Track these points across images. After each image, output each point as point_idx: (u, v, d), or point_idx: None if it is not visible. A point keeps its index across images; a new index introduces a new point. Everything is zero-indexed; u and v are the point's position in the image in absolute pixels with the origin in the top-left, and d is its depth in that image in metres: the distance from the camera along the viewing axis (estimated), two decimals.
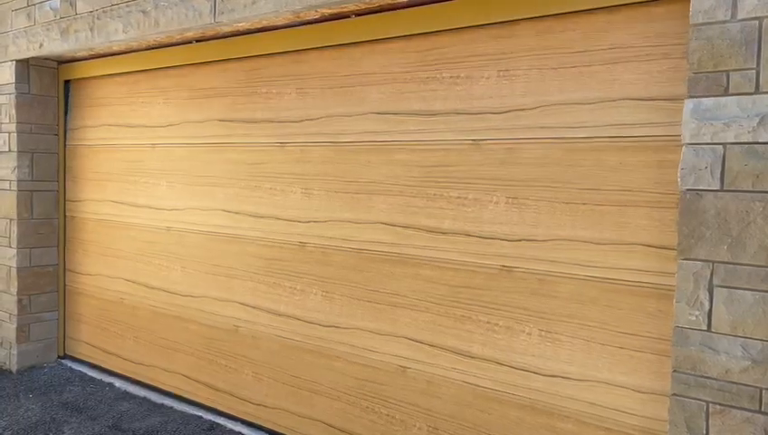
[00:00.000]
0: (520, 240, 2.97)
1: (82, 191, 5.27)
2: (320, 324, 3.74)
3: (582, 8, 2.74)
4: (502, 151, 3.02)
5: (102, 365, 5.13)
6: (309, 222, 3.76)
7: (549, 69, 2.88)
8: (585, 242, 2.79)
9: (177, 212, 4.52)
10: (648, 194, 2.63)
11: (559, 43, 2.85)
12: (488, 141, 3.06)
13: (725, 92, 2.19)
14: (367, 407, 3.55)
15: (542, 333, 2.92)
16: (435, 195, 3.24)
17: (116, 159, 4.98)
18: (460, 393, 3.18)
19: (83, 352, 5.30)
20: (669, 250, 2.55)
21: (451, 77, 3.18)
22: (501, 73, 3.02)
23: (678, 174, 2.29)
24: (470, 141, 3.11)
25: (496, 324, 3.06)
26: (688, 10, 2.40)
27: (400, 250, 3.37)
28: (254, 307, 4.08)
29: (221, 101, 4.22)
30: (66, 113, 5.37)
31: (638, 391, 2.67)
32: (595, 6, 2.71)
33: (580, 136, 2.79)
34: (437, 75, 3.23)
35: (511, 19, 2.95)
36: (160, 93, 4.63)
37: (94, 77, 5.11)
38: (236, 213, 4.14)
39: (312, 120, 3.74)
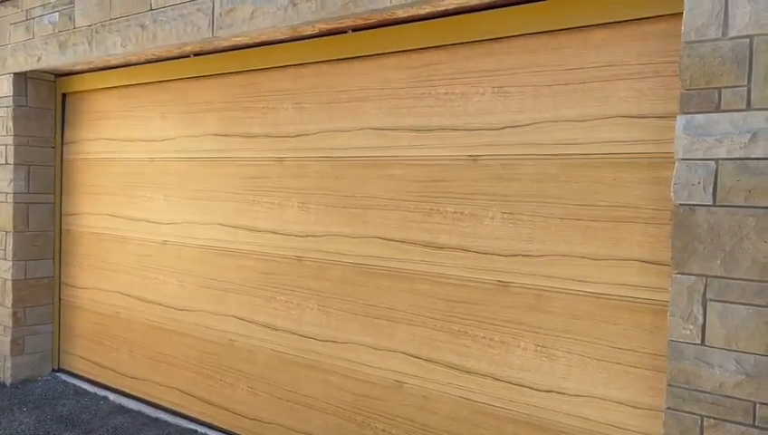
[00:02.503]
0: (516, 255, 2.99)
1: (79, 205, 5.27)
2: (316, 339, 3.74)
3: (576, 25, 2.78)
4: (497, 167, 3.04)
5: (97, 380, 5.10)
6: (306, 236, 3.77)
7: (543, 86, 2.91)
8: (580, 257, 2.81)
9: (173, 226, 4.53)
10: (642, 210, 2.65)
11: (553, 59, 2.89)
12: (484, 157, 3.09)
13: (717, 109, 2.22)
14: (362, 422, 3.54)
15: (538, 348, 2.93)
16: (431, 210, 3.26)
17: (113, 172, 4.99)
18: (456, 408, 3.19)
19: (78, 366, 5.28)
20: (664, 266, 2.56)
21: (446, 93, 3.21)
22: (495, 90, 3.06)
23: (672, 189, 2.31)
24: (466, 157, 3.14)
25: (492, 339, 3.07)
26: (679, 29, 2.44)
27: (397, 265, 3.39)
28: (250, 321, 4.08)
29: (218, 115, 4.25)
30: (63, 126, 5.39)
31: (634, 407, 2.68)
32: (588, 24, 2.74)
33: (574, 152, 2.82)
34: (433, 91, 3.26)
35: (505, 36, 2.99)
36: (158, 107, 4.65)
37: (92, 90, 5.13)
38: (233, 227, 4.15)
39: (309, 135, 3.77)
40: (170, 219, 4.55)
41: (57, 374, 5.36)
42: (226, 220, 4.19)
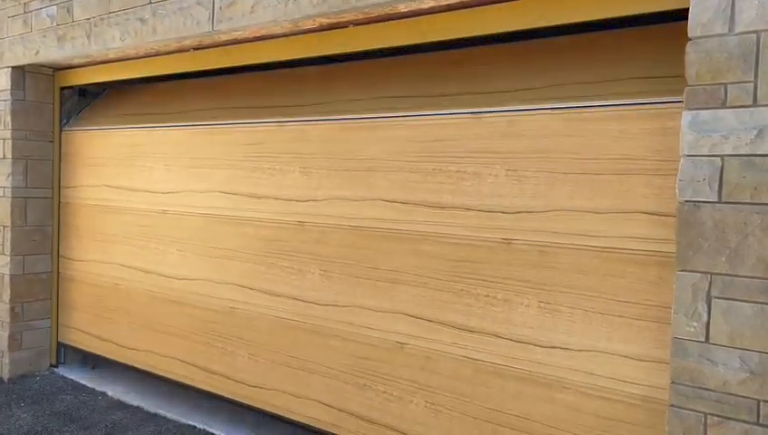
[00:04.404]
0: (519, 212, 2.96)
1: (78, 177, 5.24)
2: (317, 303, 3.72)
3: (589, 19, 2.75)
4: (502, 124, 3.02)
5: (96, 352, 5.08)
6: (308, 201, 3.75)
7: (562, 60, 2.96)
8: (585, 212, 2.78)
9: (173, 195, 4.50)
10: (648, 161, 2.62)
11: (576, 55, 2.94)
12: (488, 114, 3.07)
13: (723, 105, 2.20)
14: (364, 385, 3.52)
15: (542, 304, 2.90)
16: (434, 170, 3.24)
17: (113, 144, 4.97)
18: (458, 368, 3.16)
19: (76, 338, 5.24)
20: (669, 217, 2.51)
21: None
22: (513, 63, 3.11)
23: (676, 186, 2.29)
24: (470, 115, 3.12)
25: (495, 298, 3.04)
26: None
27: (400, 226, 3.36)
28: (251, 288, 4.04)
29: (227, 93, 4.27)
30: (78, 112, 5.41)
31: (638, 360, 2.64)
32: (604, 17, 2.72)
33: (579, 105, 2.81)
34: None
35: (516, 30, 2.95)
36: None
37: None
38: (234, 194, 4.13)
39: (311, 105, 3.78)
40: (171, 188, 4.52)
41: (55, 369, 5.34)
42: (227, 187, 4.17)
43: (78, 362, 5.48)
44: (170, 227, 4.53)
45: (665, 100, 2.58)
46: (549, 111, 2.89)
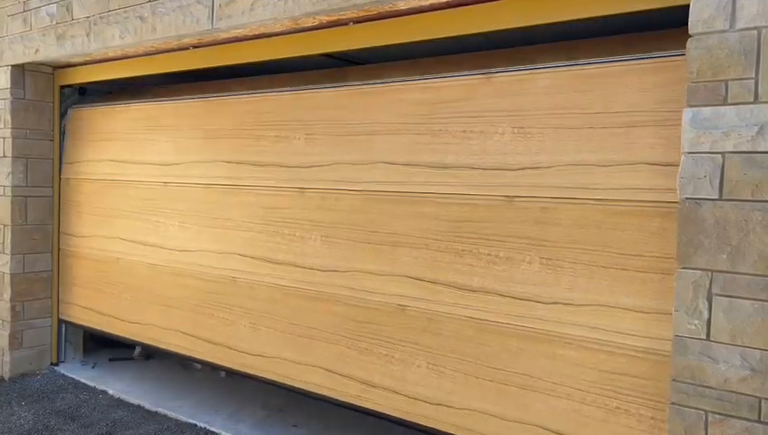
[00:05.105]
0: (524, 169, 2.95)
1: (81, 153, 5.23)
2: (319, 269, 3.70)
3: (595, 15, 2.74)
4: (513, 83, 3.02)
5: (97, 327, 5.07)
6: (310, 167, 3.74)
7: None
8: (589, 165, 2.77)
9: (175, 166, 4.50)
10: (655, 113, 2.61)
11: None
12: (499, 74, 3.07)
13: (724, 102, 2.20)
14: (366, 349, 3.50)
15: (544, 260, 2.88)
16: (440, 130, 3.23)
17: (118, 118, 4.97)
18: (460, 328, 3.15)
19: (77, 315, 5.23)
20: (674, 166, 2.46)
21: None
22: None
23: (677, 183, 2.29)
24: (480, 75, 3.12)
25: (497, 256, 3.02)
26: None
27: (402, 188, 3.35)
28: (252, 257, 4.03)
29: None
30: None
31: (641, 312, 2.63)
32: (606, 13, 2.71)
33: (587, 61, 2.81)
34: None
35: (516, 27, 2.94)
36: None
37: None
38: (237, 163, 4.12)
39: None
40: (172, 160, 4.51)
41: (55, 368, 5.34)
42: (230, 157, 4.16)
43: (79, 361, 5.49)
44: (172, 199, 4.50)
45: (671, 53, 2.57)
46: (558, 68, 2.89)
